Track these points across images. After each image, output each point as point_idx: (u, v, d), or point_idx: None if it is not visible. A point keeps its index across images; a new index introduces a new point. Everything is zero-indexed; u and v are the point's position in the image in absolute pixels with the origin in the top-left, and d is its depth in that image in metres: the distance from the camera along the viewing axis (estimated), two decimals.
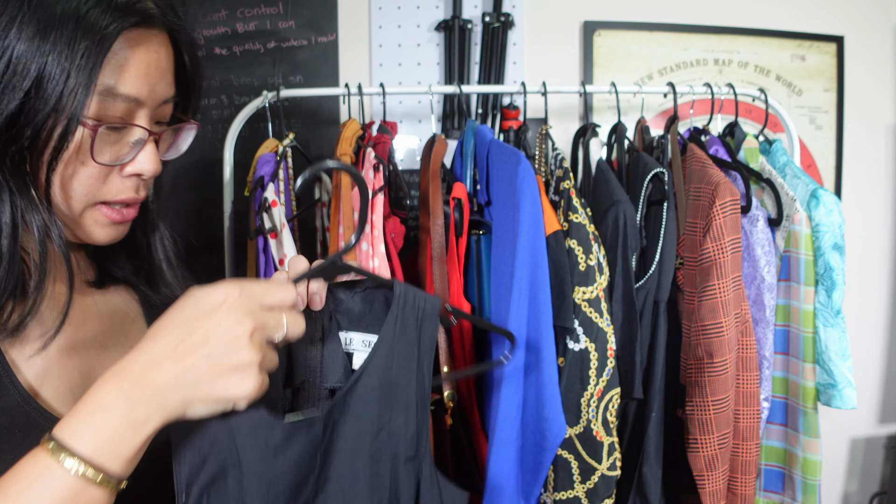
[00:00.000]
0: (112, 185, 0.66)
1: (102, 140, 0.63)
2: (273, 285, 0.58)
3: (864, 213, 2.12)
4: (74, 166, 0.63)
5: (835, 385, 1.42)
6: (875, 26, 2.07)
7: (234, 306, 0.54)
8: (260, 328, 0.55)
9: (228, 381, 0.53)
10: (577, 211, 1.31)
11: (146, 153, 0.66)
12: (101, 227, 0.68)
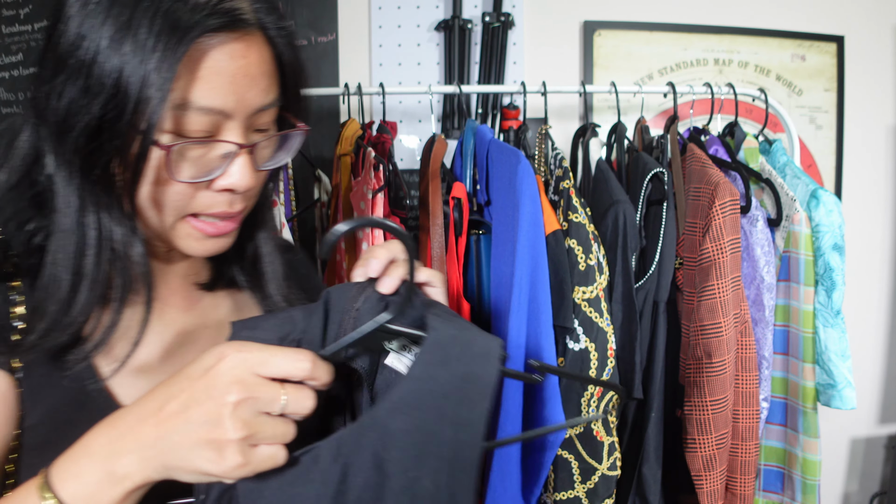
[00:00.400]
0: (203, 199, 0.61)
1: (186, 155, 0.58)
2: (281, 354, 0.50)
3: (864, 213, 2.12)
4: (160, 181, 0.58)
5: (834, 385, 1.42)
6: (875, 26, 2.07)
7: (223, 373, 0.48)
8: (250, 401, 0.48)
9: (204, 454, 0.47)
10: (576, 210, 1.31)
11: (237, 167, 0.60)
12: (194, 240, 0.63)
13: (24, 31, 1.91)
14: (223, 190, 0.60)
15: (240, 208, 0.63)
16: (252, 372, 0.48)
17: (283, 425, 0.49)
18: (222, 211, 0.62)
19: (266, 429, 0.48)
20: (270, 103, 0.62)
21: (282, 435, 0.49)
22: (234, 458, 0.46)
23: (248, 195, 0.64)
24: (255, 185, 0.62)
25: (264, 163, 0.64)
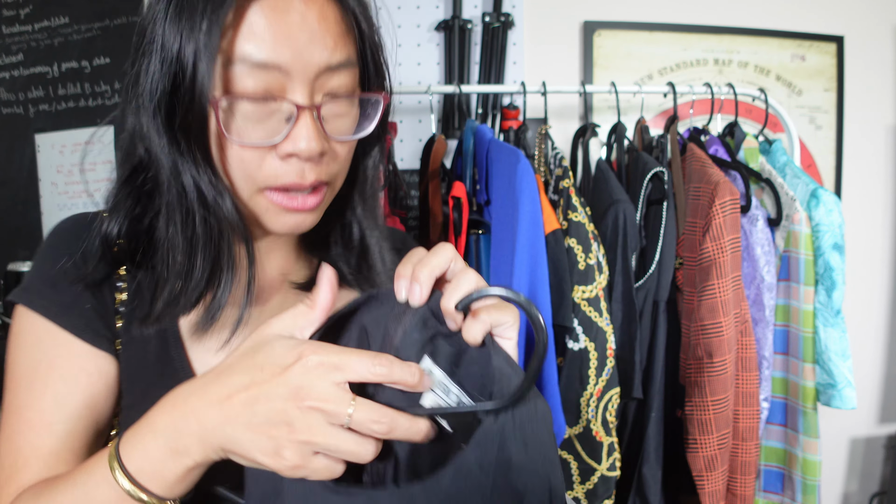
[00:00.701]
0: (270, 168, 0.58)
1: (247, 117, 0.56)
2: (357, 356, 0.47)
3: (864, 213, 2.12)
4: (226, 147, 0.58)
5: (834, 385, 1.42)
6: (875, 26, 2.07)
7: (298, 375, 0.46)
8: (320, 412, 0.46)
9: (263, 447, 0.46)
10: (576, 210, 1.31)
11: (299, 129, 0.56)
12: (273, 214, 0.61)
13: (24, 31, 1.91)
14: (288, 156, 0.57)
15: (312, 179, 0.59)
16: (329, 380, 0.46)
17: (351, 441, 0.46)
18: (293, 182, 0.58)
19: (330, 440, 0.45)
20: (339, 63, 0.58)
21: (346, 451, 0.46)
22: (292, 458, 0.45)
23: (323, 167, 0.60)
24: (319, 152, 0.58)
25: (340, 133, 0.60)
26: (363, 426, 0.45)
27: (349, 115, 0.61)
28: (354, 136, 0.62)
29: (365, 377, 0.46)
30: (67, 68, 1.90)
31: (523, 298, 0.46)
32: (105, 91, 1.90)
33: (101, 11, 1.89)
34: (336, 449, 0.45)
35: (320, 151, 0.57)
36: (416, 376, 0.48)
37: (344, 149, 0.62)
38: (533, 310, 0.45)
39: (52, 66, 1.91)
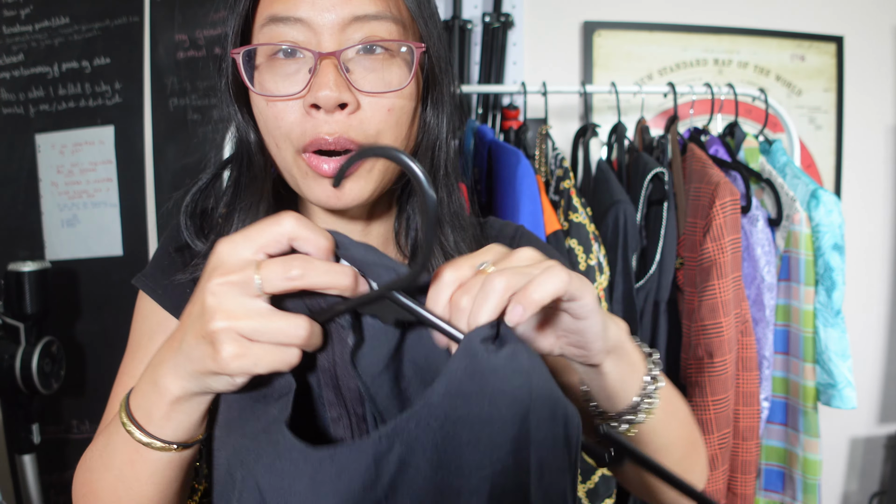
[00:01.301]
0: (300, 125, 0.57)
1: (276, 72, 0.57)
2: (256, 229, 0.44)
3: (864, 213, 2.12)
4: (258, 103, 0.59)
5: (835, 385, 1.43)
6: (875, 26, 2.07)
7: (209, 263, 0.45)
8: (226, 285, 0.44)
9: (202, 349, 0.44)
10: (577, 210, 1.31)
11: (318, 77, 0.55)
12: (309, 181, 0.59)
13: (24, 31, 1.91)
14: (312, 107, 0.56)
15: (338, 135, 0.56)
16: (231, 254, 0.44)
17: (276, 316, 0.43)
18: (319, 137, 0.56)
19: (252, 314, 0.43)
20: (370, 14, 0.57)
21: (276, 329, 0.43)
22: (228, 347, 0.43)
23: (353, 123, 0.57)
24: (350, 107, 0.56)
25: (373, 87, 0.57)
26: (277, 282, 0.43)
27: (387, 72, 0.58)
28: (385, 91, 0.58)
29: (267, 243, 0.44)
30: (68, 68, 1.90)
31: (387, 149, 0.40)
32: (105, 91, 1.90)
33: (102, 11, 1.89)
34: (264, 327, 0.43)
35: (339, 101, 0.55)
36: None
37: (381, 107, 0.58)
38: (403, 158, 0.39)
39: (52, 67, 1.91)
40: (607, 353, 0.51)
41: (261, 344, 0.44)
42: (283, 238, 0.44)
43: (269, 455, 0.44)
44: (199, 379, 0.46)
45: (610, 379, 0.53)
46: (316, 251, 0.44)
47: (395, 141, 0.60)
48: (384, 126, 0.59)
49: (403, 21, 0.59)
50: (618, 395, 0.54)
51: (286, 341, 0.44)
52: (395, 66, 0.59)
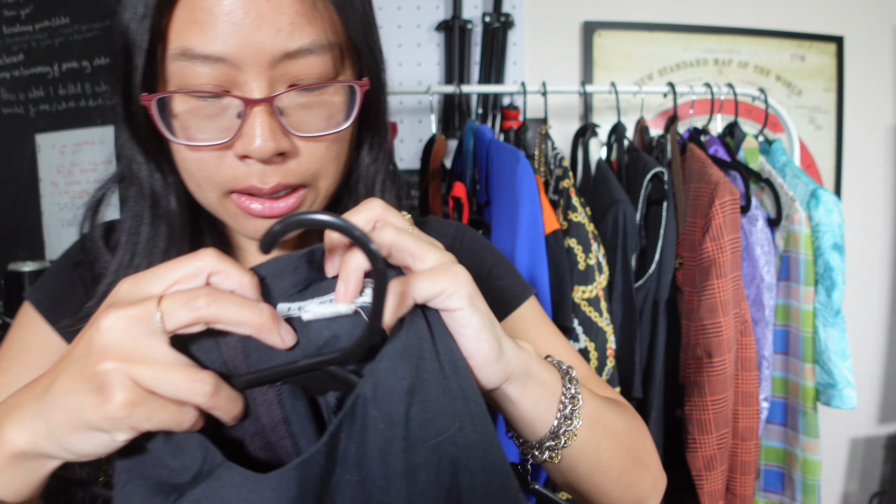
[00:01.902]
0: (229, 170, 0.52)
1: (197, 114, 0.50)
2: (170, 266, 0.39)
3: (864, 213, 2.12)
4: (179, 149, 0.53)
5: (834, 385, 1.42)
6: (875, 26, 2.07)
7: (110, 306, 0.39)
8: (126, 321, 0.38)
9: (84, 396, 0.37)
10: (576, 210, 1.31)
11: (249, 126, 0.49)
12: (242, 220, 0.55)
13: (24, 31, 1.91)
14: (243, 157, 0.51)
15: (274, 184, 0.52)
16: (133, 290, 0.39)
17: (179, 365, 0.37)
18: (252, 185, 0.52)
19: (150, 356, 0.37)
20: (302, 48, 0.49)
21: (178, 379, 0.37)
22: (120, 394, 0.36)
23: (290, 168, 0.52)
24: (288, 154, 0.52)
25: (309, 129, 0.52)
26: (181, 314, 0.37)
27: (324, 108, 0.53)
28: (325, 133, 0.53)
29: (177, 278, 0.38)
30: (68, 68, 1.91)
31: (334, 219, 0.36)
32: (106, 91, 1.90)
33: (102, 11, 1.89)
34: (164, 376, 0.36)
35: (276, 151, 0.50)
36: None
37: (319, 147, 0.53)
38: (355, 231, 0.36)
39: (52, 67, 1.91)
40: (507, 378, 0.46)
41: (157, 396, 0.37)
42: (201, 273, 0.39)
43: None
44: (62, 436, 0.38)
45: (521, 406, 0.48)
46: (239, 289, 0.39)
47: (335, 177, 0.57)
48: (323, 165, 0.54)
49: (340, 45, 0.52)
50: (534, 421, 0.49)
51: (186, 398, 0.37)
52: (335, 103, 0.53)
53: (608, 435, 0.54)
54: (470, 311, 0.42)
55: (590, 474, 0.53)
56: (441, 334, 0.43)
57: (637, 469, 0.57)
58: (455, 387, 0.42)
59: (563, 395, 0.50)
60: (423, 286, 0.41)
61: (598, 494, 0.56)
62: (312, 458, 0.38)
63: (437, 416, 0.40)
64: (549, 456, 0.50)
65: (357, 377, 0.41)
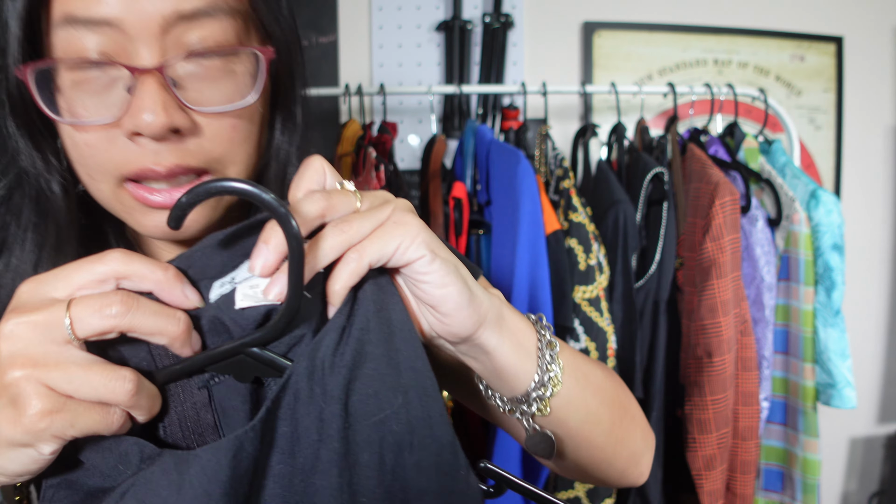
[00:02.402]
0: (120, 152, 0.46)
1: (83, 90, 0.45)
2: (74, 267, 0.37)
3: (864, 214, 2.12)
4: (66, 130, 0.46)
5: (834, 385, 1.43)
6: (875, 27, 2.08)
7: (12, 312, 0.36)
8: (27, 326, 0.36)
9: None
10: (577, 210, 1.31)
11: (139, 98, 0.43)
12: (139, 214, 0.48)
13: None
14: (134, 135, 0.45)
15: (170, 164, 0.45)
16: (36, 294, 0.36)
17: (94, 367, 0.35)
18: (145, 167, 0.45)
19: (62, 360, 0.35)
20: (199, 10, 0.44)
21: (94, 382, 0.35)
22: (36, 402, 0.33)
23: (189, 148, 0.46)
24: (185, 131, 0.46)
25: (209, 103, 0.46)
26: (92, 322, 0.35)
27: (227, 81, 0.47)
28: (227, 108, 0.47)
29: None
30: None
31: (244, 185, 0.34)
32: None
33: None
34: (80, 378, 0.34)
35: (169, 125, 0.44)
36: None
37: (223, 126, 0.48)
38: (264, 196, 0.34)
39: None
40: (481, 323, 0.44)
41: (77, 401, 0.35)
42: (109, 276, 0.36)
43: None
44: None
45: (501, 355, 0.46)
46: (157, 287, 0.37)
47: (245, 162, 0.51)
48: (230, 147, 0.49)
49: (243, 13, 0.47)
50: (514, 372, 0.47)
51: (108, 398, 0.35)
52: (238, 73, 0.48)
53: (590, 383, 0.52)
54: (430, 256, 0.40)
55: (581, 426, 0.51)
56: (390, 303, 0.41)
57: (625, 419, 0.56)
58: (402, 359, 0.40)
59: (540, 340, 0.48)
60: (375, 248, 0.39)
61: (592, 450, 0.53)
62: (245, 437, 0.36)
63: (379, 390, 0.39)
64: (538, 408, 0.48)
65: (286, 359, 0.39)
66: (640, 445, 0.58)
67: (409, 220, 0.41)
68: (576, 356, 0.52)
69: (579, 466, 0.55)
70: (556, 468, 0.61)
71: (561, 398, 0.49)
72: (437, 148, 1.45)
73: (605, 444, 0.54)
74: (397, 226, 0.40)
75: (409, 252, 0.40)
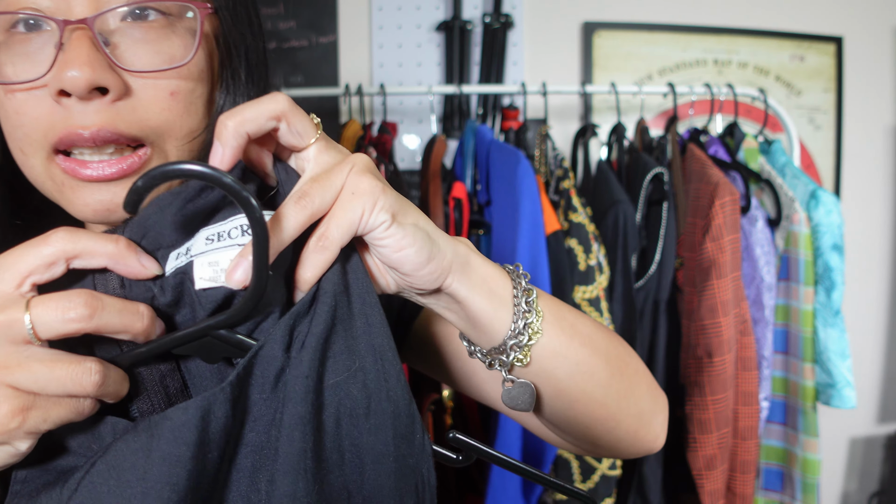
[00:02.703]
0: (46, 117, 0.42)
1: (12, 49, 0.42)
2: (21, 251, 0.35)
3: (864, 214, 2.13)
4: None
5: (834, 385, 1.43)
6: (874, 27, 2.08)
7: None
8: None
9: None
10: (576, 210, 1.31)
11: (67, 53, 0.40)
12: (70, 191, 0.44)
13: None
14: (61, 95, 0.42)
15: (97, 126, 0.42)
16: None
17: (57, 361, 0.35)
18: (71, 130, 0.42)
19: (24, 361, 0.34)
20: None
21: (60, 375, 0.34)
22: (4, 405, 0.33)
23: (121, 112, 0.43)
24: (116, 92, 0.42)
25: (144, 63, 0.43)
26: (55, 326, 0.34)
27: (167, 42, 0.44)
28: (160, 69, 0.43)
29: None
30: None
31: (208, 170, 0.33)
32: None
33: None
34: (46, 376, 0.34)
35: (93, 81, 0.40)
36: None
37: (160, 92, 0.44)
38: (224, 179, 0.33)
39: None
40: (445, 273, 0.43)
41: (46, 396, 0.35)
42: (58, 258, 0.35)
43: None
44: None
45: (474, 304, 0.45)
46: (111, 262, 0.37)
47: (187, 135, 0.46)
48: (170, 115, 0.45)
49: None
50: (489, 319, 0.46)
51: (76, 391, 0.35)
52: (178, 35, 0.44)
53: (578, 332, 0.50)
54: (388, 222, 0.40)
55: (571, 378, 0.49)
56: (349, 267, 0.41)
57: (625, 372, 0.53)
58: (359, 324, 0.40)
59: (515, 287, 0.47)
60: (340, 231, 0.39)
61: (592, 406, 0.51)
62: (214, 398, 0.36)
63: (338, 354, 0.39)
64: (517, 358, 0.47)
65: (252, 339, 0.39)
66: (647, 402, 0.55)
67: (366, 185, 0.39)
68: (560, 306, 0.50)
69: (582, 429, 0.52)
70: (563, 442, 0.58)
71: (544, 347, 0.47)
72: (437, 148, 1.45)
73: (605, 398, 0.51)
74: (356, 196, 0.39)
75: (370, 222, 0.40)
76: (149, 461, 0.35)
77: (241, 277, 0.37)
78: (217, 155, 0.38)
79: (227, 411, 0.36)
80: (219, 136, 0.37)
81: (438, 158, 1.46)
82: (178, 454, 0.35)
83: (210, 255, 0.38)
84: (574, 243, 1.30)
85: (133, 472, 0.35)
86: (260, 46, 0.52)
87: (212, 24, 0.47)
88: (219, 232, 0.39)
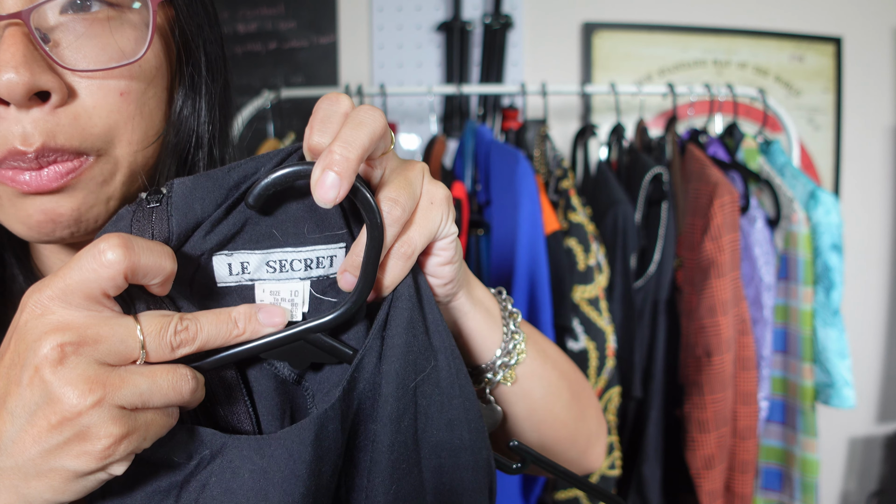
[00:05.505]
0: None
1: None
2: (84, 259, 0.31)
3: (863, 214, 2.13)
4: None
5: (833, 384, 1.43)
6: (874, 27, 2.08)
7: (29, 322, 0.32)
8: (82, 346, 0.31)
9: (64, 450, 0.31)
10: (576, 210, 1.32)
11: (0, 53, 0.35)
12: (9, 203, 0.39)
13: None
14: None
15: (39, 144, 0.36)
16: (66, 302, 0.31)
17: (161, 372, 0.33)
18: (13, 148, 0.36)
19: (132, 378, 0.32)
20: None
21: (162, 387, 0.32)
22: (108, 428, 0.30)
23: (62, 121, 0.37)
24: (59, 97, 0.37)
25: (89, 61, 0.38)
26: (165, 348, 0.33)
27: (116, 37, 0.38)
28: (107, 67, 0.38)
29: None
30: None
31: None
32: None
33: None
34: (150, 388, 0.32)
35: (31, 86, 0.35)
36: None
37: (109, 93, 0.39)
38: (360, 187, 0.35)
39: None
40: (461, 286, 0.45)
41: (144, 412, 0.32)
42: (116, 278, 0.31)
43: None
44: (48, 498, 0.31)
45: (475, 320, 0.46)
46: (162, 277, 0.33)
47: (141, 143, 0.41)
48: (119, 118, 0.39)
49: None
50: (483, 337, 0.47)
51: (176, 401, 0.33)
52: (127, 28, 0.39)
53: (548, 356, 0.53)
54: (454, 235, 0.41)
55: (545, 398, 0.52)
56: (415, 270, 0.41)
57: (582, 395, 0.56)
58: (430, 321, 0.41)
59: (503, 310, 0.49)
60: (422, 239, 0.39)
61: (556, 426, 0.53)
62: (326, 417, 0.36)
63: (418, 356, 0.40)
64: (505, 375, 0.49)
65: (347, 346, 0.39)
66: (595, 426, 0.58)
67: (442, 194, 0.40)
68: (532, 330, 0.53)
69: (544, 446, 0.55)
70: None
71: (526, 367, 0.49)
72: (436, 148, 1.45)
73: (567, 419, 0.54)
74: (434, 206, 0.39)
75: (444, 231, 0.40)
76: (267, 482, 0.35)
77: (352, 280, 0.37)
78: (336, 188, 0.34)
79: (337, 426, 0.37)
80: (334, 165, 0.33)
81: (438, 159, 1.46)
82: (297, 473, 0.35)
83: (271, 284, 0.38)
84: (573, 243, 1.30)
85: (255, 495, 0.35)
86: (217, 37, 0.47)
87: (165, 14, 0.42)
88: (281, 260, 0.38)
